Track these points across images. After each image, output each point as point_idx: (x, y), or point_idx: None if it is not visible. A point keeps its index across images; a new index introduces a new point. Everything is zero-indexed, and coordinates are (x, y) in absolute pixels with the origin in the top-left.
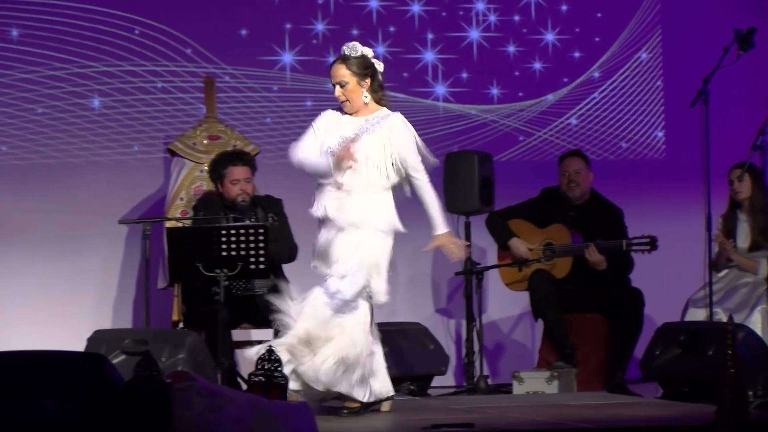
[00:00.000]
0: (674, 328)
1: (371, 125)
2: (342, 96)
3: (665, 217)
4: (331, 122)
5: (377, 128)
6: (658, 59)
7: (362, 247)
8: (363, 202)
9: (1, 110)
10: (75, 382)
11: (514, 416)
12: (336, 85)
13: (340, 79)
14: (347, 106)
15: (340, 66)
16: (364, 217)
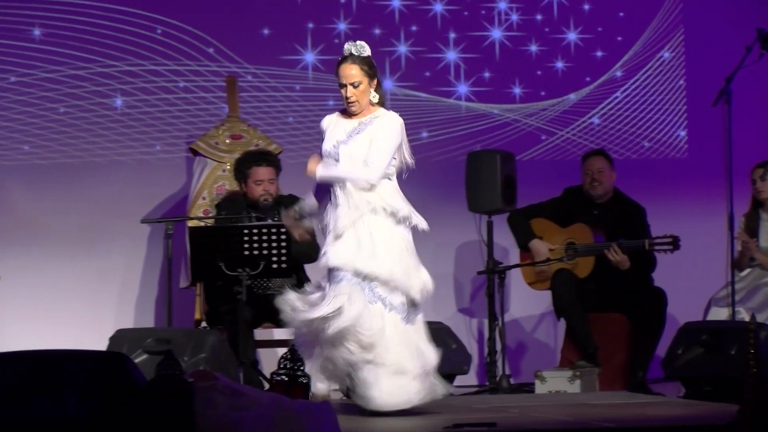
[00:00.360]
0: (696, 327)
1: (363, 126)
2: (354, 96)
3: (688, 217)
4: (329, 126)
5: (368, 128)
6: (680, 58)
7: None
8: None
9: (24, 109)
10: (97, 381)
11: (537, 415)
12: (347, 86)
13: (354, 80)
14: (356, 107)
15: (352, 66)
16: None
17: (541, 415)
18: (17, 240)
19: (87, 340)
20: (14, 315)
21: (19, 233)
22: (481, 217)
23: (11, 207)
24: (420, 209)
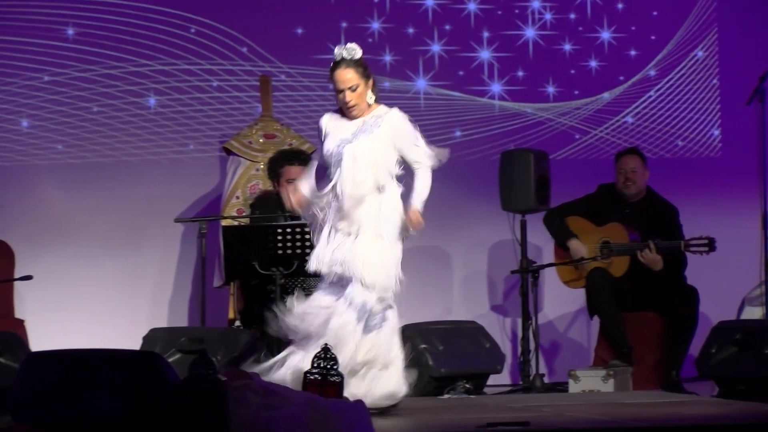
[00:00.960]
0: (730, 326)
1: (369, 126)
2: (353, 100)
3: (721, 215)
4: (330, 125)
5: (375, 128)
6: (714, 57)
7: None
8: (370, 205)
9: (57, 109)
10: (131, 380)
11: (570, 415)
12: (345, 91)
13: (351, 84)
14: (356, 110)
15: (347, 70)
16: (375, 220)
17: (575, 415)
18: (51, 239)
19: (121, 339)
20: (48, 314)
21: (52, 232)
22: (515, 216)
23: (44, 206)
24: (453, 208)
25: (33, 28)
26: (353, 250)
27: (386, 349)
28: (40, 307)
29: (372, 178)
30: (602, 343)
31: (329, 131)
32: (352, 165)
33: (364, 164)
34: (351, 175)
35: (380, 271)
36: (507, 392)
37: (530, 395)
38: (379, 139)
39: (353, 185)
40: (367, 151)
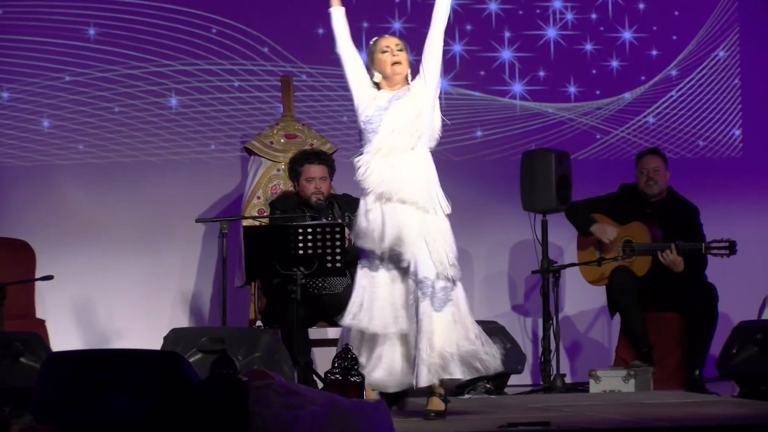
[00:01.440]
0: (751, 326)
1: (400, 95)
2: (399, 57)
3: (742, 215)
4: (367, 94)
5: (405, 96)
6: (735, 57)
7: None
8: (407, 170)
9: (78, 109)
10: (152, 380)
11: (591, 415)
12: (393, 48)
13: (400, 45)
14: (400, 68)
15: (396, 38)
16: (420, 190)
17: (596, 415)
18: (72, 239)
19: (142, 339)
20: (69, 314)
21: (73, 232)
22: (536, 216)
23: (65, 206)
24: (474, 209)
25: (54, 28)
26: (403, 228)
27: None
28: (61, 307)
29: (407, 137)
30: (623, 342)
31: (367, 98)
32: (393, 127)
33: (404, 124)
34: (390, 139)
35: (433, 247)
36: (528, 392)
37: (551, 395)
38: (413, 101)
39: (389, 149)
40: (405, 113)
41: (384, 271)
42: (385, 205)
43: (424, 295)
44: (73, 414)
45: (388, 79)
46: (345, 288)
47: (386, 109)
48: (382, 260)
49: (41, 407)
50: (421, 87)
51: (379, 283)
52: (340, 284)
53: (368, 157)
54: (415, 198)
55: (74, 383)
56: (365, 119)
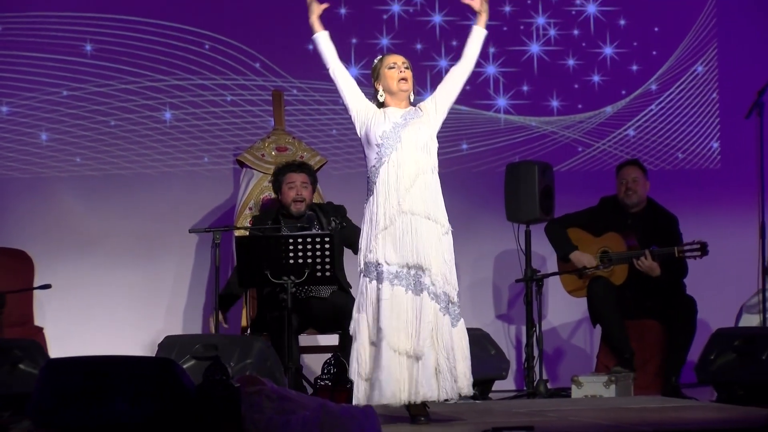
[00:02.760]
0: (729, 333)
1: (412, 115)
2: (405, 74)
3: (720, 226)
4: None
5: (418, 116)
6: (713, 72)
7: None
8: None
9: (76, 123)
10: (147, 385)
11: (574, 419)
12: (400, 65)
13: (408, 64)
14: (405, 86)
15: (402, 56)
16: (435, 208)
17: (578, 419)
18: (70, 249)
19: (137, 346)
20: (66, 322)
21: (70, 242)
22: (520, 227)
23: (63, 217)
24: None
25: (52, 44)
26: (423, 242)
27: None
28: (59, 315)
29: (427, 158)
30: (604, 349)
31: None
32: (413, 145)
33: (422, 144)
34: (412, 155)
35: (447, 263)
36: (512, 397)
37: (534, 400)
38: (427, 124)
39: (414, 164)
40: (422, 133)
41: (388, 283)
42: (408, 219)
43: (444, 309)
44: (70, 419)
45: (394, 95)
46: (331, 293)
47: (404, 126)
48: (395, 274)
49: (39, 412)
50: (432, 112)
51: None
52: (327, 290)
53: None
54: (438, 216)
55: (72, 389)
56: (381, 135)
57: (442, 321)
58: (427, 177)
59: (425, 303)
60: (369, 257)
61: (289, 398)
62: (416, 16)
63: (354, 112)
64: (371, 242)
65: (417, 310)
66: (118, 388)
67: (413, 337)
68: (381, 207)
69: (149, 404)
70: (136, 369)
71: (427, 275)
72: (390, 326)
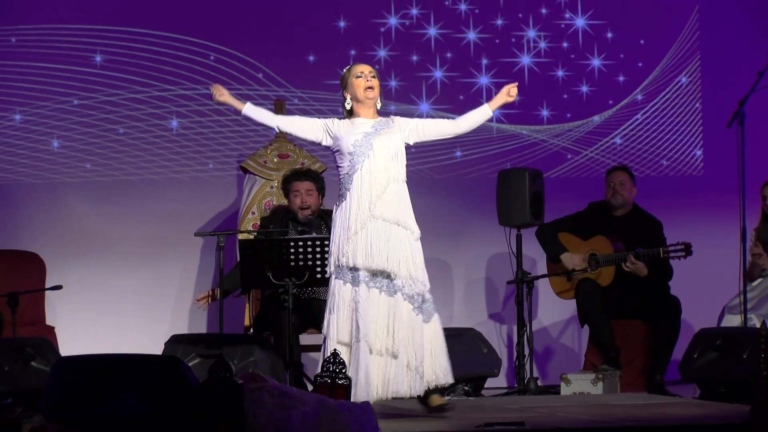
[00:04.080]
0: (711, 333)
1: (382, 125)
2: (373, 84)
3: (703, 230)
4: (343, 128)
5: (389, 127)
6: (697, 83)
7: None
8: (400, 198)
9: (86, 130)
10: (154, 382)
11: (562, 415)
12: (366, 75)
13: (375, 73)
14: (372, 94)
15: (369, 66)
16: (405, 214)
17: (567, 415)
18: (80, 251)
19: (144, 345)
20: (77, 322)
21: (81, 245)
22: (511, 231)
23: (74, 221)
24: (454, 223)
25: (63, 55)
26: (394, 246)
27: (442, 338)
28: (70, 315)
29: (398, 167)
30: (592, 348)
31: (341, 132)
32: (384, 153)
33: (393, 153)
34: (383, 163)
35: (417, 265)
36: (503, 394)
37: (525, 397)
38: (398, 135)
39: (384, 172)
40: (393, 143)
41: (364, 286)
42: (379, 224)
43: (417, 309)
44: (80, 414)
45: (361, 103)
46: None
47: (374, 135)
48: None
49: (51, 408)
50: (403, 131)
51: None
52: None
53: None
54: (409, 222)
55: (81, 385)
56: (353, 143)
57: (414, 320)
58: (398, 185)
59: (399, 304)
60: (342, 261)
61: (289, 394)
62: (412, 28)
63: (321, 140)
64: (343, 246)
65: (391, 310)
66: (126, 385)
67: (388, 337)
68: (353, 212)
69: (155, 400)
70: (143, 367)
71: (398, 279)
72: (367, 327)
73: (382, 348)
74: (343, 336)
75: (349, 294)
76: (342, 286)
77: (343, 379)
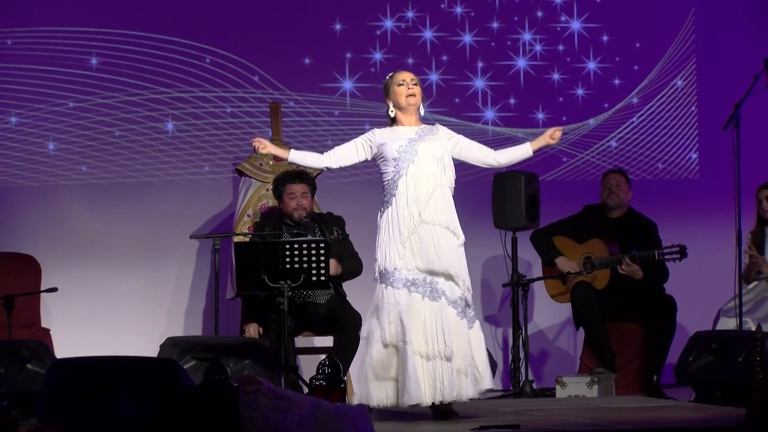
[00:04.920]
0: (707, 336)
1: (426, 132)
2: (414, 90)
3: (699, 233)
4: (386, 135)
5: (433, 134)
6: (692, 86)
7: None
8: (447, 203)
9: (82, 133)
10: (150, 385)
11: (558, 418)
12: (408, 82)
13: (415, 80)
14: (414, 101)
15: (412, 73)
16: (452, 220)
17: (562, 418)
18: (76, 254)
19: (139, 347)
20: (72, 324)
21: (76, 248)
22: (506, 234)
23: (69, 223)
24: None
25: (59, 58)
26: (444, 250)
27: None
28: (65, 317)
29: (444, 173)
30: (587, 351)
31: (384, 140)
32: (429, 159)
33: (438, 159)
34: (428, 168)
35: (464, 270)
36: (499, 397)
37: (520, 400)
38: (442, 143)
39: (431, 177)
40: (438, 149)
41: (406, 290)
42: (430, 228)
43: (461, 314)
44: (75, 417)
45: (403, 110)
46: (328, 299)
47: (419, 141)
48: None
49: (46, 410)
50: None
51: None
52: (323, 295)
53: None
54: (456, 228)
55: (77, 388)
56: (397, 149)
57: (460, 325)
58: (444, 191)
59: (443, 308)
60: (387, 265)
61: (285, 397)
62: (408, 31)
63: (367, 157)
64: (391, 250)
65: (437, 315)
66: (122, 388)
67: (437, 341)
68: (402, 217)
69: (151, 403)
70: (138, 369)
71: (448, 281)
72: (412, 332)
73: (433, 351)
74: (389, 338)
75: (394, 297)
76: (385, 290)
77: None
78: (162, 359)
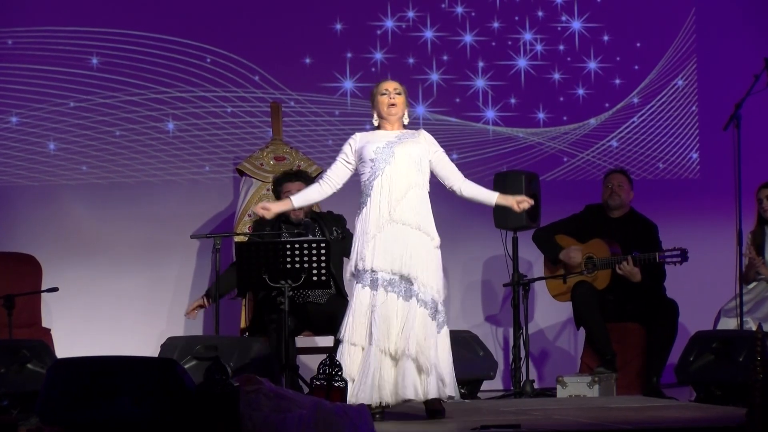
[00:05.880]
0: (707, 335)
1: (407, 136)
2: (396, 101)
3: (699, 233)
4: (365, 138)
5: (413, 137)
6: (693, 86)
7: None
8: (421, 204)
9: (82, 132)
10: (150, 385)
11: (558, 418)
12: (391, 92)
13: (398, 89)
14: (395, 111)
15: (395, 81)
16: (425, 221)
17: (563, 418)
18: (76, 254)
19: (140, 347)
20: (73, 324)
21: (77, 247)
22: (507, 233)
23: (70, 223)
24: (450, 226)
25: (60, 57)
26: (411, 251)
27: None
28: (66, 317)
29: (420, 175)
30: (588, 351)
31: (364, 143)
32: (406, 160)
33: (415, 161)
34: (404, 169)
35: (435, 273)
36: (499, 397)
37: (521, 400)
38: (422, 146)
39: (405, 177)
40: (416, 151)
41: (383, 290)
42: (398, 228)
43: (432, 315)
44: (76, 416)
45: (385, 118)
46: (328, 298)
47: (397, 144)
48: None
49: (47, 410)
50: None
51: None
52: (323, 295)
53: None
54: (429, 229)
55: (78, 387)
56: (374, 150)
57: (429, 326)
58: (419, 191)
59: (413, 308)
60: (361, 264)
61: (285, 397)
62: (408, 31)
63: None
64: (362, 249)
65: (405, 314)
66: (122, 387)
67: (402, 341)
68: (372, 216)
69: (152, 402)
70: (139, 369)
71: (416, 283)
72: (380, 330)
73: (396, 350)
74: (357, 338)
75: (368, 298)
76: (361, 290)
77: (339, 381)
78: (162, 359)
